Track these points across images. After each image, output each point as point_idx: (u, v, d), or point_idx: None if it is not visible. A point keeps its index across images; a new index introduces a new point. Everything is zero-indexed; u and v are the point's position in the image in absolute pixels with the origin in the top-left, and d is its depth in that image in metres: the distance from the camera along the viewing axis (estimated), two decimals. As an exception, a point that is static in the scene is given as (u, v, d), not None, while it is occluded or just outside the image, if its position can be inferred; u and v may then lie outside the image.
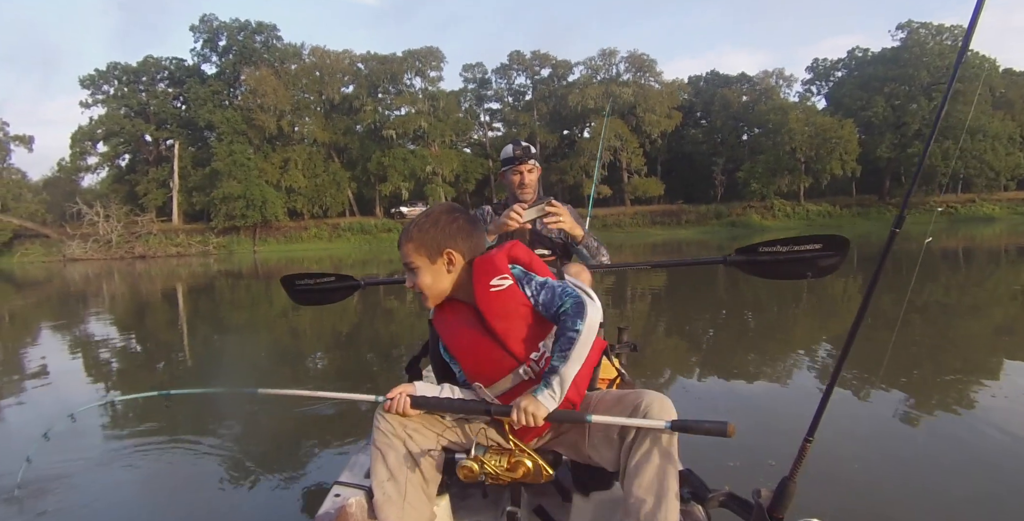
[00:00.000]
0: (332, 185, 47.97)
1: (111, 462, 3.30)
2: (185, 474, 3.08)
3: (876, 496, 2.55)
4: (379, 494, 1.59)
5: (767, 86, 53.37)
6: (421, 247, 1.62)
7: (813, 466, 1.40)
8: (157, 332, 8.64)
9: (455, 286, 1.66)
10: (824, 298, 8.75)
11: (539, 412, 1.48)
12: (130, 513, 2.67)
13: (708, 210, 47.75)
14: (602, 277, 12.16)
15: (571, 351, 1.47)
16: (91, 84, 49.16)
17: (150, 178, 48.35)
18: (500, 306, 1.58)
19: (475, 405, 1.61)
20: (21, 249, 42.44)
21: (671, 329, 7.35)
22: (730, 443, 2.98)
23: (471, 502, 1.96)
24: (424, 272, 1.63)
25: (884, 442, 3.20)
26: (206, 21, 48.68)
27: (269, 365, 6.01)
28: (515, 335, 1.58)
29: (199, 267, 28.04)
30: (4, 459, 3.15)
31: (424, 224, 1.64)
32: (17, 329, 9.78)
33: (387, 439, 1.62)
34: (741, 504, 1.49)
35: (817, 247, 2.29)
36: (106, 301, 13.87)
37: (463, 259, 1.64)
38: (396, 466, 1.60)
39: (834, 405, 1.39)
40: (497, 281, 1.59)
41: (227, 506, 2.66)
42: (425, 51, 50.81)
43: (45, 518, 2.64)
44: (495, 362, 1.60)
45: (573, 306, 1.50)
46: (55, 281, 22.21)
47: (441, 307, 1.71)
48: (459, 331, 1.65)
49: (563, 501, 1.86)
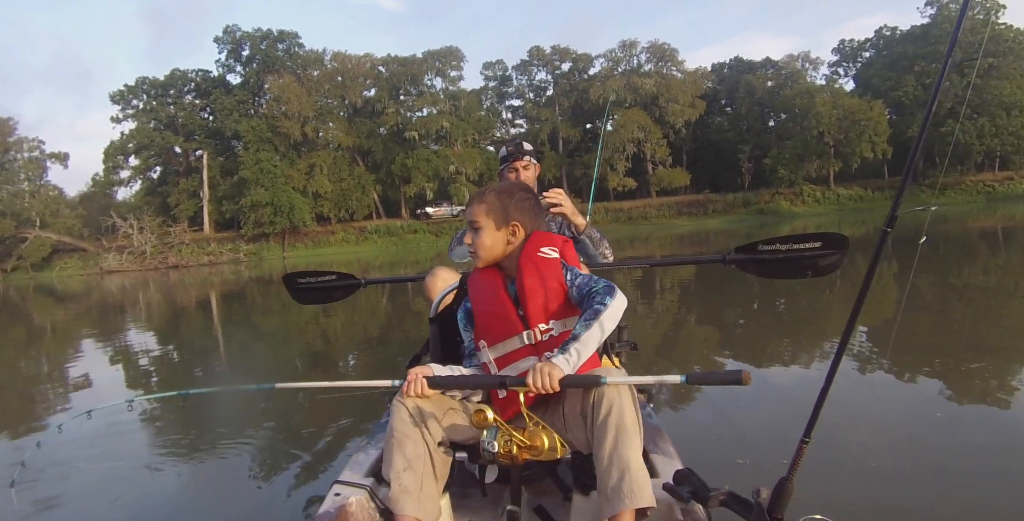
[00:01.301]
0: (357, 189, 48.46)
1: (111, 460, 3.34)
2: (184, 473, 3.09)
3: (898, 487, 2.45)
4: (396, 485, 1.57)
5: (793, 70, 52.43)
6: (492, 211, 1.77)
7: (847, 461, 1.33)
8: (192, 339, 8.79)
9: (506, 255, 1.79)
10: (858, 283, 8.54)
11: (555, 373, 1.48)
12: (128, 512, 2.66)
13: (735, 199, 47.03)
14: (629, 271, 12.04)
15: (594, 321, 1.55)
16: (121, 99, 50.38)
17: (181, 189, 49.39)
18: (537, 270, 1.71)
19: (491, 379, 1.65)
20: (60, 263, 43.80)
21: (701, 319, 7.24)
22: (739, 441, 2.94)
23: (471, 501, 1.94)
24: (486, 233, 1.77)
25: (909, 431, 3.09)
26: (229, 32, 49.48)
27: (302, 367, 6.06)
28: (536, 300, 1.69)
29: (231, 275, 28.54)
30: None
31: (501, 193, 1.80)
32: (59, 340, 10.05)
33: (406, 428, 1.61)
34: (741, 503, 1.48)
35: (817, 245, 2.31)
36: (143, 311, 14.19)
37: (524, 234, 1.78)
38: (414, 456, 1.59)
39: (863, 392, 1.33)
40: (548, 250, 1.75)
41: (226, 505, 2.65)
42: (445, 51, 51.00)
43: (39, 506, 2.70)
44: (506, 322, 1.71)
45: (605, 287, 1.63)
46: (93, 294, 22.79)
47: (480, 270, 1.85)
48: (486, 290, 1.79)
49: (563, 500, 1.85)
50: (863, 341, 5.09)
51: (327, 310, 9.73)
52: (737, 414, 3.58)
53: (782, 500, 1.40)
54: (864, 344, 4.98)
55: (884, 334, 5.24)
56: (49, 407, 4.92)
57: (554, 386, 1.47)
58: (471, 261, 1.87)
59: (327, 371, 5.79)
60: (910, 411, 3.42)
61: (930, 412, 3.37)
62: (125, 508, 2.70)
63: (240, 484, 2.90)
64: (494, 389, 1.68)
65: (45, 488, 2.94)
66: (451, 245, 2.98)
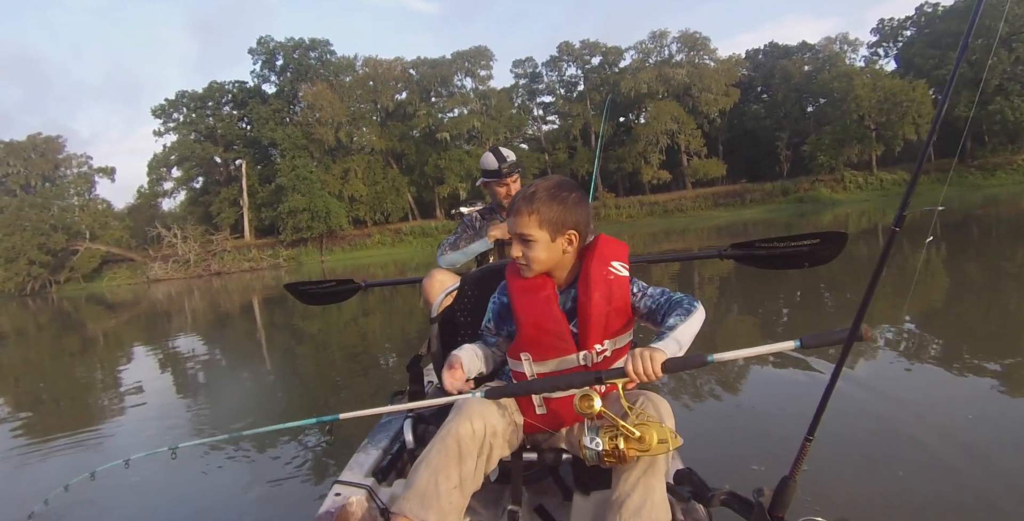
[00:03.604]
0: (392, 191, 49.01)
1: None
2: (184, 473, 3.11)
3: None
4: (446, 502, 1.42)
5: (830, 53, 51.00)
6: (545, 223, 1.56)
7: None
8: (238, 343, 8.99)
9: (559, 264, 1.63)
10: (906, 270, 8.26)
11: (656, 357, 1.36)
12: (127, 511, 2.68)
13: (774, 188, 46.00)
14: (666, 266, 11.90)
15: (689, 317, 1.51)
16: (162, 113, 51.88)
17: (222, 198, 50.68)
18: (607, 290, 1.58)
19: (581, 377, 1.47)
20: (109, 273, 45.57)
21: (744, 309, 7.09)
22: (741, 440, 2.85)
23: (471, 501, 1.91)
24: (540, 247, 1.58)
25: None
26: (263, 43, 50.48)
27: (346, 369, 6.13)
28: (598, 321, 1.56)
29: (271, 280, 29.16)
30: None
31: (551, 198, 1.57)
32: (111, 347, 10.40)
33: (473, 445, 1.48)
34: (742, 503, 1.45)
35: (815, 242, 2.32)
36: (188, 317, 14.58)
37: (580, 240, 1.62)
38: (467, 475, 1.47)
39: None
40: (619, 266, 1.61)
41: (226, 505, 2.65)
42: (474, 51, 51.17)
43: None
44: (558, 340, 1.58)
45: (687, 296, 1.58)
46: (142, 302, 23.54)
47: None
48: (537, 299, 1.61)
49: (564, 500, 1.82)
50: (885, 335, 4.91)
51: (365, 312, 9.85)
52: (739, 414, 3.52)
53: (784, 500, 1.37)
54: (885, 338, 4.81)
55: (908, 328, 5.04)
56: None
57: (657, 371, 1.36)
58: (464, 266, 1.83)
59: (367, 372, 5.84)
60: (921, 410, 3.31)
61: (943, 411, 3.25)
62: (122, 507, 2.72)
63: (239, 484, 2.90)
64: (575, 389, 1.49)
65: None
66: (440, 249, 2.95)
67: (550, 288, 1.62)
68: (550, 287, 1.62)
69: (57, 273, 44.91)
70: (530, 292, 1.62)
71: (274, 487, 2.80)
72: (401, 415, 2.19)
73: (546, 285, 1.62)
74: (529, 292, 1.63)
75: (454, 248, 2.89)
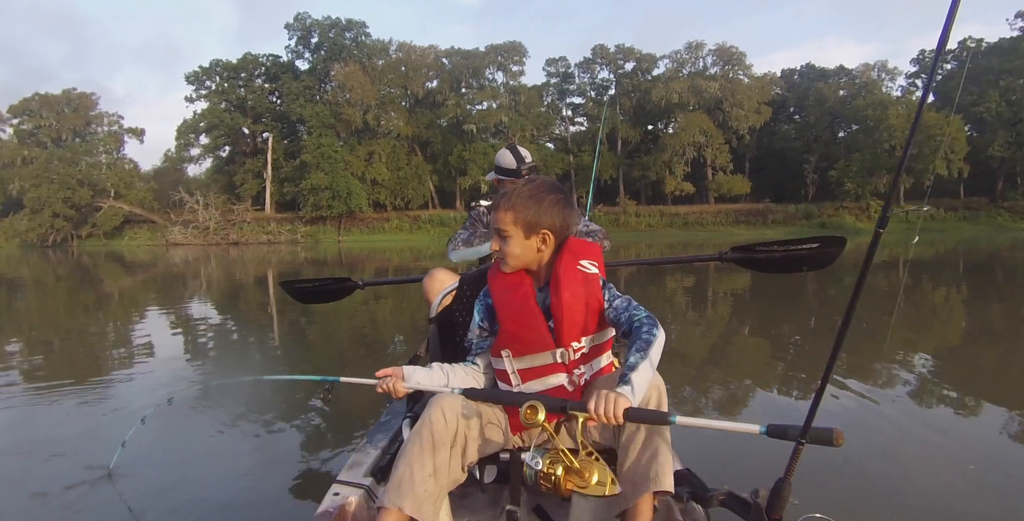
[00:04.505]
0: (414, 178, 49.18)
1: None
2: (180, 471, 3.02)
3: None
4: (421, 490, 1.46)
5: (867, 79, 50.56)
6: (520, 220, 1.63)
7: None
8: (249, 314, 9.10)
9: (537, 262, 1.69)
10: (923, 306, 8.22)
11: (620, 402, 1.36)
12: (123, 511, 2.63)
13: (797, 210, 45.74)
14: (680, 281, 11.87)
15: (649, 351, 1.48)
16: (195, 80, 52.37)
17: (246, 169, 51.12)
18: (577, 286, 1.63)
19: (547, 401, 1.48)
20: (130, 233, 46.46)
21: (756, 330, 7.09)
22: (738, 442, 2.88)
23: (471, 501, 1.92)
24: (515, 243, 1.65)
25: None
26: (300, 19, 50.79)
27: (351, 349, 6.21)
28: (571, 317, 1.61)
29: (287, 254, 29.33)
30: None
31: (527, 197, 1.64)
32: (126, 306, 10.56)
33: (446, 434, 1.52)
34: (740, 503, 1.48)
35: (814, 246, 2.33)
36: (203, 284, 14.75)
37: (555, 241, 1.67)
38: (442, 465, 1.51)
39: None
40: (588, 264, 1.67)
41: (225, 505, 2.61)
42: (508, 46, 51.14)
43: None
44: (536, 335, 1.63)
45: (648, 318, 1.56)
46: (159, 264, 23.79)
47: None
48: (515, 296, 1.68)
49: (562, 500, 1.81)
50: (896, 356, 4.90)
51: (378, 296, 9.93)
52: (736, 415, 3.54)
53: (780, 500, 1.40)
54: (894, 360, 4.80)
55: (922, 361, 5.03)
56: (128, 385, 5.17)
57: (618, 417, 1.35)
58: (471, 262, 1.85)
59: (376, 354, 5.91)
60: (916, 419, 3.43)
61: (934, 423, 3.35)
62: (118, 505, 2.67)
63: (238, 483, 2.86)
64: (515, 406, 1.56)
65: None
66: (452, 243, 2.90)
67: (528, 285, 1.68)
68: (528, 284, 1.69)
69: (80, 228, 45.63)
70: (509, 290, 1.69)
71: (273, 487, 2.77)
72: (400, 415, 2.24)
73: (524, 282, 1.69)
74: (509, 290, 1.69)
75: (467, 244, 2.85)
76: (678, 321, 7.48)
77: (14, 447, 3.29)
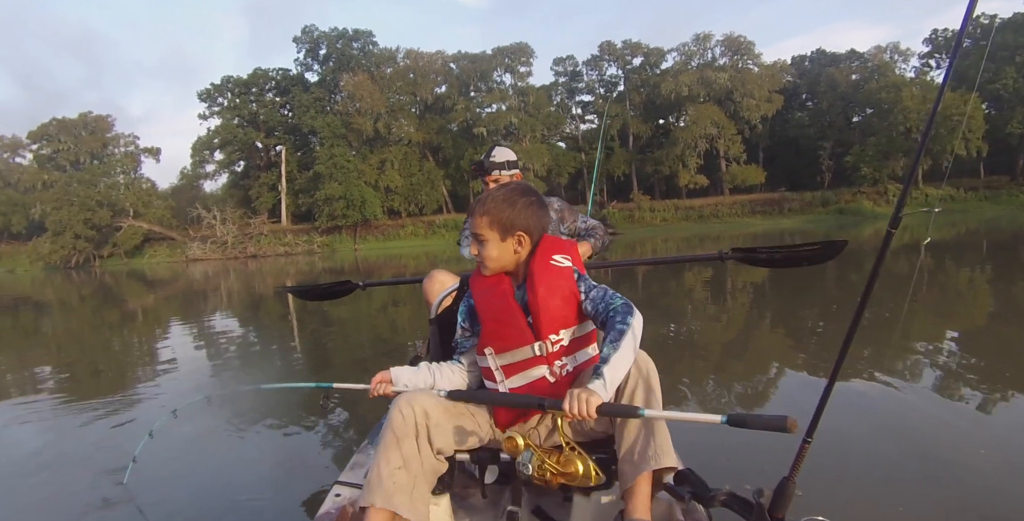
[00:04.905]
0: (427, 184, 49.38)
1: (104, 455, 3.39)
2: (180, 471, 3.08)
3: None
4: (389, 483, 1.53)
5: (880, 62, 49.84)
6: (495, 223, 1.68)
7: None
8: (270, 325, 9.18)
9: (515, 263, 1.73)
10: (947, 289, 8.07)
11: (592, 401, 1.40)
12: (123, 510, 2.68)
13: (813, 198, 45.21)
14: (698, 273, 11.79)
15: (621, 341, 1.49)
16: (208, 97, 53.07)
17: (261, 182, 51.68)
18: (550, 280, 1.66)
19: (528, 400, 1.59)
20: (150, 250, 47.11)
21: (777, 321, 7.00)
22: (740, 441, 2.84)
23: (471, 502, 1.92)
24: (492, 246, 1.70)
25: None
26: (307, 32, 51.27)
27: (373, 355, 6.23)
28: (548, 311, 1.64)
29: (305, 265, 29.59)
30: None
31: (501, 201, 1.69)
32: (149, 323, 10.70)
33: (406, 427, 1.58)
34: (742, 503, 1.46)
35: (815, 248, 2.39)
36: (223, 298, 14.92)
37: (531, 242, 1.71)
38: (410, 455, 1.57)
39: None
40: (560, 258, 1.70)
41: (225, 505, 2.64)
42: (515, 47, 51.19)
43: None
44: (515, 331, 1.66)
45: (623, 305, 1.57)
46: (180, 280, 24.11)
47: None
48: (494, 295, 1.73)
49: (563, 500, 1.83)
50: (913, 347, 4.81)
51: (396, 302, 9.97)
52: (758, 408, 3.50)
53: (783, 500, 1.40)
54: (915, 350, 4.70)
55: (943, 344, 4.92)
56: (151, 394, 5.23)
57: (591, 414, 1.40)
58: (473, 261, 1.85)
59: (398, 360, 5.92)
60: (918, 415, 3.36)
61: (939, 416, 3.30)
62: (115, 506, 2.71)
63: (238, 483, 2.88)
64: (491, 389, 1.70)
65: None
66: (464, 239, 2.93)
67: (506, 284, 1.73)
68: (506, 283, 1.73)
69: (101, 248, 46.33)
70: (489, 289, 1.74)
71: (273, 487, 2.80)
72: None
73: (502, 281, 1.74)
74: (488, 290, 1.75)
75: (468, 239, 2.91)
76: (698, 314, 7.42)
77: (42, 461, 3.35)
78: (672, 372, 4.59)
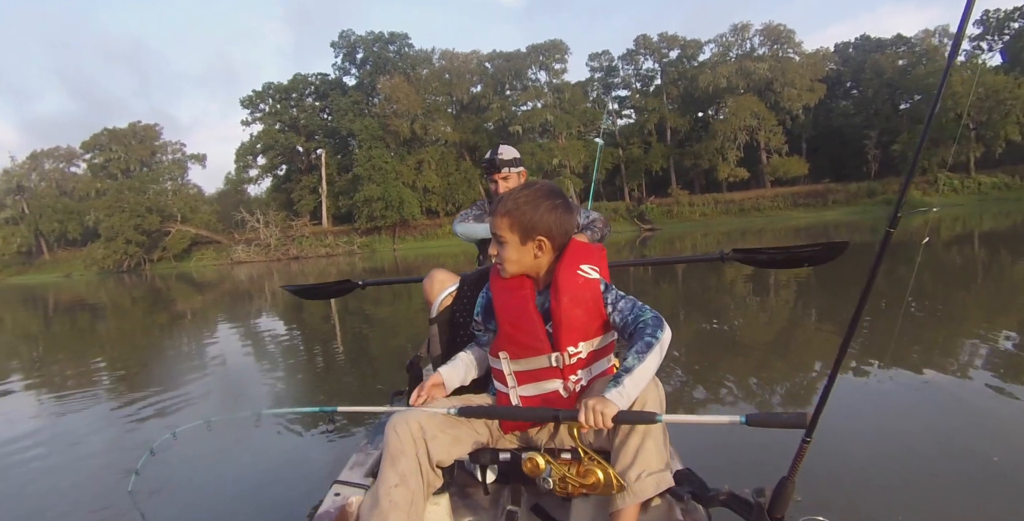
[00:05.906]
0: (464, 183, 49.66)
1: (101, 455, 3.52)
2: (181, 472, 3.12)
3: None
4: (385, 502, 1.53)
5: (928, 47, 48.05)
6: (515, 225, 1.62)
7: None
8: (313, 324, 9.36)
9: (535, 267, 1.68)
10: (1002, 282, 7.76)
11: (608, 410, 1.41)
12: (122, 510, 2.71)
13: (859, 189, 43.81)
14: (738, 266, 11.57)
15: (648, 354, 1.49)
16: (250, 104, 54.39)
17: (302, 185, 52.77)
18: (576, 291, 1.61)
19: (541, 412, 1.60)
20: (198, 254, 48.89)
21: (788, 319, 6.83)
22: (740, 441, 2.77)
23: (471, 502, 1.92)
24: (511, 249, 1.64)
25: None
26: (344, 36, 52.05)
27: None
28: (570, 322, 1.59)
29: (346, 265, 30.07)
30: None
31: (523, 203, 1.62)
32: (198, 324, 11.04)
33: (402, 445, 1.57)
34: (742, 503, 1.46)
35: (817, 249, 2.38)
36: (268, 299, 15.28)
37: (553, 247, 1.65)
38: (408, 472, 1.56)
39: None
40: (588, 268, 1.64)
41: (225, 506, 2.66)
42: (549, 45, 51.04)
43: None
44: (533, 339, 1.62)
45: (654, 318, 1.56)
46: (226, 282, 24.78)
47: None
48: (514, 298, 1.67)
49: (563, 500, 1.82)
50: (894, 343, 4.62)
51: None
52: (738, 414, 3.38)
53: (783, 500, 1.39)
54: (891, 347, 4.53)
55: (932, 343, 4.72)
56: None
57: (607, 424, 1.41)
58: (473, 251, 1.85)
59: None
60: (918, 413, 3.29)
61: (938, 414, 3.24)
62: (116, 505, 2.76)
63: (238, 484, 2.91)
64: (501, 393, 1.70)
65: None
66: (461, 216, 2.99)
67: (528, 288, 1.67)
68: (528, 287, 1.67)
69: (151, 252, 48.02)
70: (509, 291, 1.69)
71: (273, 487, 2.81)
72: None
73: (524, 285, 1.68)
74: (508, 291, 1.69)
75: (479, 220, 2.90)
76: (740, 310, 7.29)
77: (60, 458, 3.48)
78: (717, 368, 4.52)
